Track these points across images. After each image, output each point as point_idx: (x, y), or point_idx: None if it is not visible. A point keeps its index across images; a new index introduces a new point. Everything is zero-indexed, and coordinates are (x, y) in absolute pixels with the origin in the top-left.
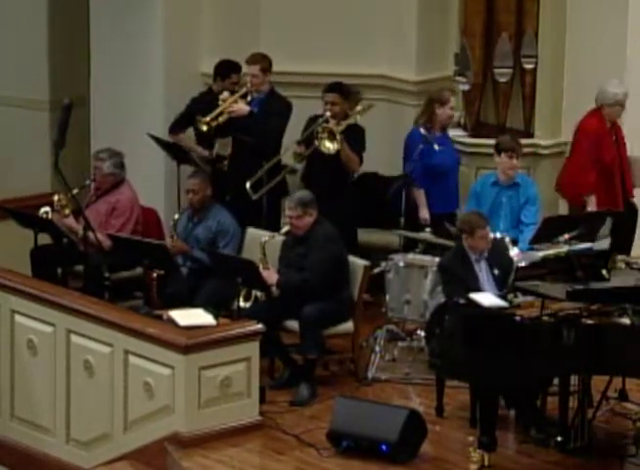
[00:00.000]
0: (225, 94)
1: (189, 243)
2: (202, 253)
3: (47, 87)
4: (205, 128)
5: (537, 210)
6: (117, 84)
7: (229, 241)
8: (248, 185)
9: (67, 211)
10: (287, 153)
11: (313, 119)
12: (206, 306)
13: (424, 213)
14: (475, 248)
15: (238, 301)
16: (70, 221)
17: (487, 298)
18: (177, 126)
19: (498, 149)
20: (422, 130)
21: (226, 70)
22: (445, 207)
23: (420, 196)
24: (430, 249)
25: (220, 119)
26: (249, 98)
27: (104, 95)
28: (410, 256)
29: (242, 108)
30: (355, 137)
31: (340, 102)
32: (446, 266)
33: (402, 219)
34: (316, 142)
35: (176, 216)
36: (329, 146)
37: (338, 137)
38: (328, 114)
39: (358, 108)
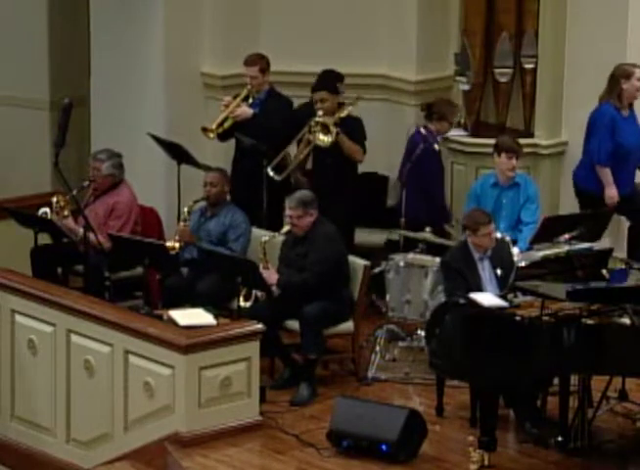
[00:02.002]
0: (227, 98)
1: (199, 236)
2: (208, 245)
3: (47, 87)
4: (212, 136)
5: (537, 208)
6: (117, 84)
7: (240, 235)
8: (269, 170)
9: (65, 213)
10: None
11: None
12: (206, 305)
13: (611, 192)
14: (478, 245)
15: (238, 301)
16: (70, 223)
17: (487, 298)
18: (286, 142)
19: (498, 149)
20: (611, 106)
21: (333, 80)
22: (620, 189)
23: (606, 175)
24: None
25: (226, 125)
26: (250, 100)
27: (104, 95)
28: (410, 256)
29: (245, 111)
30: (354, 128)
31: (327, 98)
32: (449, 263)
33: (402, 219)
34: (311, 137)
35: (191, 203)
36: (323, 138)
37: (332, 129)
38: (320, 112)
39: (348, 101)
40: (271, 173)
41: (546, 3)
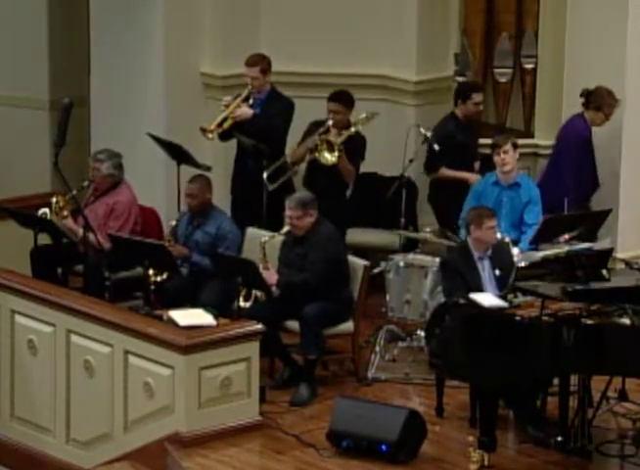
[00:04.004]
0: (227, 99)
1: (189, 246)
2: (201, 257)
3: (47, 87)
4: (210, 136)
5: (540, 210)
6: (117, 84)
7: (228, 246)
8: (265, 175)
9: (65, 213)
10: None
11: (315, 124)
12: (209, 307)
13: None
14: (482, 241)
15: (238, 301)
16: (69, 223)
17: (487, 298)
18: (439, 161)
19: (491, 149)
20: None
21: (466, 91)
22: None
23: None
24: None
25: (225, 125)
26: (250, 101)
27: (104, 95)
28: (410, 256)
29: (245, 112)
30: (356, 147)
31: (342, 111)
32: (448, 263)
33: (402, 219)
34: (316, 154)
35: (173, 223)
36: (327, 157)
37: (336, 149)
38: (330, 122)
39: (361, 116)
40: (265, 181)
41: (546, 3)
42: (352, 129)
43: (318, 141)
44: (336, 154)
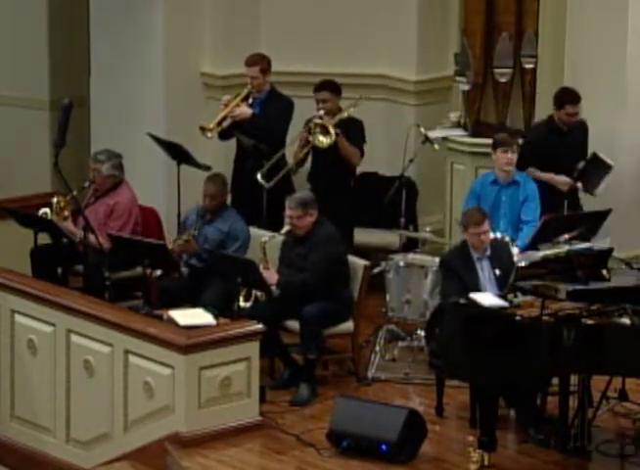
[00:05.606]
0: (227, 97)
1: (197, 240)
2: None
3: (47, 87)
4: (210, 135)
5: (536, 206)
6: (117, 84)
7: (238, 247)
8: (259, 176)
9: (65, 213)
10: (290, 148)
11: (310, 121)
12: (209, 307)
13: None
14: (470, 244)
15: (238, 301)
16: (69, 224)
17: (487, 297)
18: (525, 162)
19: (494, 146)
20: None
21: (561, 100)
22: None
23: None
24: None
25: (224, 124)
26: (250, 100)
27: (104, 95)
28: (410, 256)
29: (244, 111)
30: (354, 131)
31: (331, 98)
32: (446, 262)
33: (402, 219)
34: (310, 137)
35: (192, 219)
36: (322, 139)
37: (331, 130)
38: (321, 112)
39: (351, 102)
40: (260, 179)
41: (546, 3)
42: (345, 113)
43: (312, 124)
44: (331, 135)
